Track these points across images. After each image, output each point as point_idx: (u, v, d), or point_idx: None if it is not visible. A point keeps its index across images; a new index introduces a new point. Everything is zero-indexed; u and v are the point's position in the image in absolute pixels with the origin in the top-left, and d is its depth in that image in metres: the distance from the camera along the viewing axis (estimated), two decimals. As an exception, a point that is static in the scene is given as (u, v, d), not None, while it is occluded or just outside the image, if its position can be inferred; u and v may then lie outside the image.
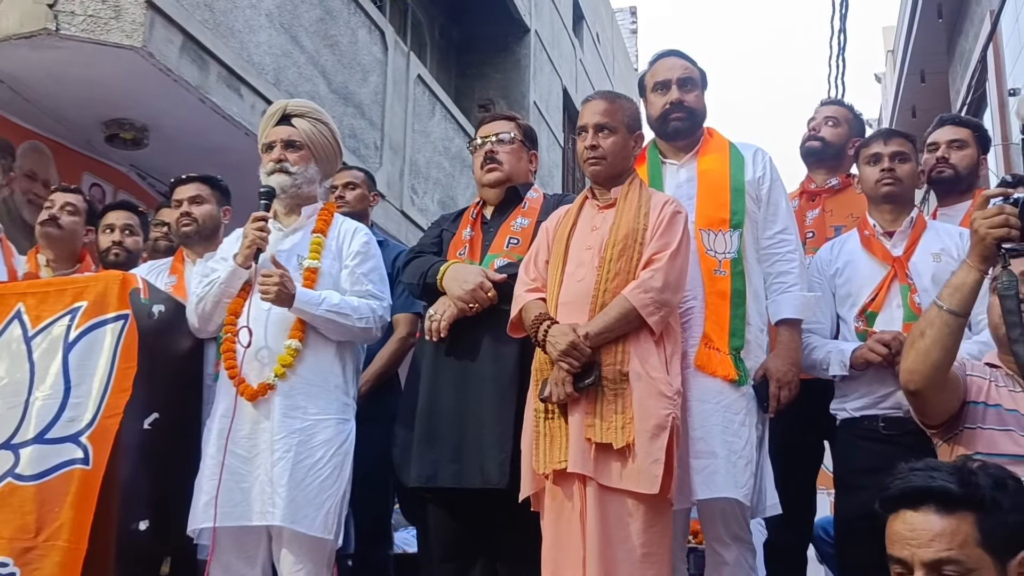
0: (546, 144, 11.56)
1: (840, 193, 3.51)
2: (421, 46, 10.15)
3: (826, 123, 3.61)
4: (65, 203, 3.71)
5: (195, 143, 5.71)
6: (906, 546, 1.63)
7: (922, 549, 1.61)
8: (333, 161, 3.13)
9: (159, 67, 4.92)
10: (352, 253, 2.98)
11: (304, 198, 3.02)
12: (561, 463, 2.44)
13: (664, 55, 3.05)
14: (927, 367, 2.08)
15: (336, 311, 2.81)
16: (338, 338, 2.87)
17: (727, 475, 2.58)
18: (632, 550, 2.38)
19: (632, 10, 21.13)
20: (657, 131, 3.01)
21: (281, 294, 2.72)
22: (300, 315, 2.79)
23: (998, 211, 2.01)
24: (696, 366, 2.66)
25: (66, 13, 4.67)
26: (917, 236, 2.89)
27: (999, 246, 2.01)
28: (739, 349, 2.69)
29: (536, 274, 2.69)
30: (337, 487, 2.75)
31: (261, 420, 2.75)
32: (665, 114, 2.94)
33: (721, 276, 2.73)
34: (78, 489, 2.53)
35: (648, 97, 3.03)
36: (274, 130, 3.02)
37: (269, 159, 2.99)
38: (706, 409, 2.63)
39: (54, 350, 2.70)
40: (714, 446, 2.59)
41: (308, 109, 3.08)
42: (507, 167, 3.01)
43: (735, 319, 2.71)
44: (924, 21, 10.27)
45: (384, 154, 7.55)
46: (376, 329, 2.94)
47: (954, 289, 2.07)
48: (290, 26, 6.27)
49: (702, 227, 2.78)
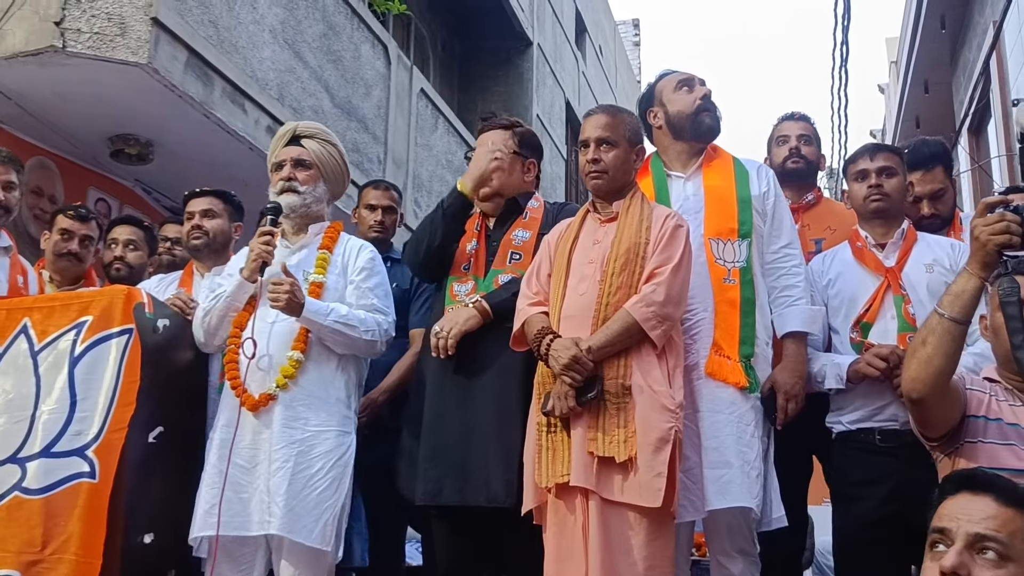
0: (549, 157, 11.59)
1: (815, 207, 3.54)
2: (424, 60, 10.20)
3: (801, 141, 3.62)
4: (84, 236, 3.69)
5: (200, 158, 5.75)
6: (955, 519, 1.67)
7: (971, 523, 1.66)
8: (341, 181, 3.16)
9: (164, 83, 4.96)
10: (358, 269, 3.00)
11: (313, 217, 3.05)
12: (563, 477, 2.44)
13: (673, 72, 3.09)
14: (930, 375, 2.09)
15: (343, 322, 2.82)
16: (343, 351, 2.89)
17: (741, 485, 2.59)
18: (635, 564, 2.38)
19: (635, 23, 21.21)
20: (686, 128, 2.96)
21: (291, 302, 2.73)
22: (307, 325, 2.80)
23: (999, 218, 2.03)
24: (707, 374, 2.67)
25: (72, 31, 4.71)
26: (909, 247, 2.90)
27: (1000, 253, 2.03)
28: (749, 357, 2.71)
29: (538, 287, 2.70)
30: (336, 499, 2.75)
31: (262, 430, 2.77)
32: (698, 109, 2.94)
33: (731, 285, 2.76)
34: (86, 503, 2.55)
35: (669, 97, 3.00)
36: (284, 150, 3.05)
37: (279, 178, 3.01)
38: (719, 420, 2.64)
39: (60, 364, 2.72)
40: (728, 456, 2.61)
41: (318, 131, 3.12)
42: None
43: (745, 327, 2.73)
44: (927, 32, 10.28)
45: (387, 168, 7.57)
46: (381, 343, 2.94)
47: (955, 296, 2.08)
48: (293, 42, 6.31)
49: (711, 236, 2.80)
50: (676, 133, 2.98)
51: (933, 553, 1.69)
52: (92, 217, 3.79)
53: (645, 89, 3.15)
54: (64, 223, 3.72)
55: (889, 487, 2.66)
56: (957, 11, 9.74)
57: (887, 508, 2.64)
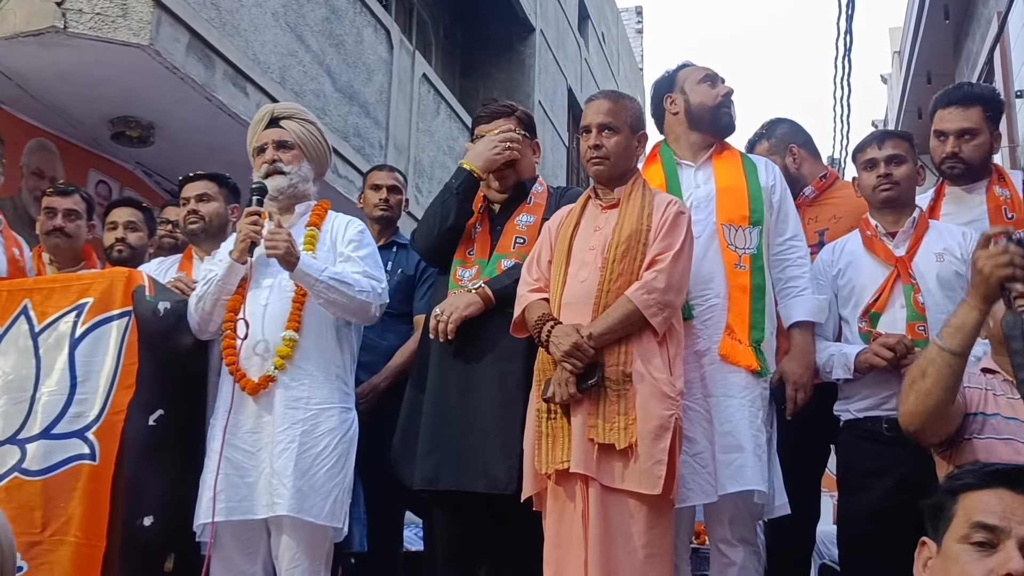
0: (551, 144, 11.56)
1: (817, 199, 3.49)
2: (426, 45, 10.16)
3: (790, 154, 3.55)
4: (67, 210, 3.68)
5: (201, 141, 5.73)
6: (1004, 518, 1.62)
7: (1023, 526, 1.60)
8: (324, 159, 3.15)
9: (165, 65, 4.94)
10: (346, 241, 2.99)
11: (299, 197, 3.04)
12: (563, 463, 2.44)
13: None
14: (928, 408, 2.08)
15: (338, 279, 2.80)
16: (337, 312, 2.85)
17: (755, 468, 2.60)
18: (634, 551, 2.38)
19: (638, 10, 21.13)
20: (706, 120, 2.97)
21: (289, 252, 2.72)
22: (301, 281, 2.78)
23: (1003, 250, 1.99)
24: (720, 355, 2.69)
25: (74, 11, 4.69)
26: (920, 236, 2.87)
27: (1002, 286, 2.00)
28: (760, 341, 2.73)
29: (539, 274, 2.70)
30: (343, 476, 2.76)
31: (263, 414, 2.76)
32: (720, 105, 2.96)
33: (741, 271, 2.77)
34: (86, 485, 2.55)
35: (691, 88, 3.00)
36: (264, 133, 3.04)
37: (262, 161, 3.00)
38: (732, 404, 2.66)
39: (60, 346, 2.71)
40: (742, 440, 2.62)
41: (295, 111, 3.12)
42: (518, 165, 3.00)
43: (755, 312, 2.74)
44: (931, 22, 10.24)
45: (388, 153, 7.55)
46: (375, 307, 2.91)
47: (955, 329, 2.05)
48: (296, 25, 6.28)
49: (723, 223, 2.82)
50: (694, 123, 2.99)
51: (976, 548, 1.62)
52: (74, 191, 3.78)
53: (664, 74, 3.13)
54: (47, 201, 3.74)
55: (896, 477, 2.65)
56: (961, 2, 9.70)
57: (894, 498, 2.62)
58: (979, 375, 2.26)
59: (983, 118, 3.05)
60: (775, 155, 3.48)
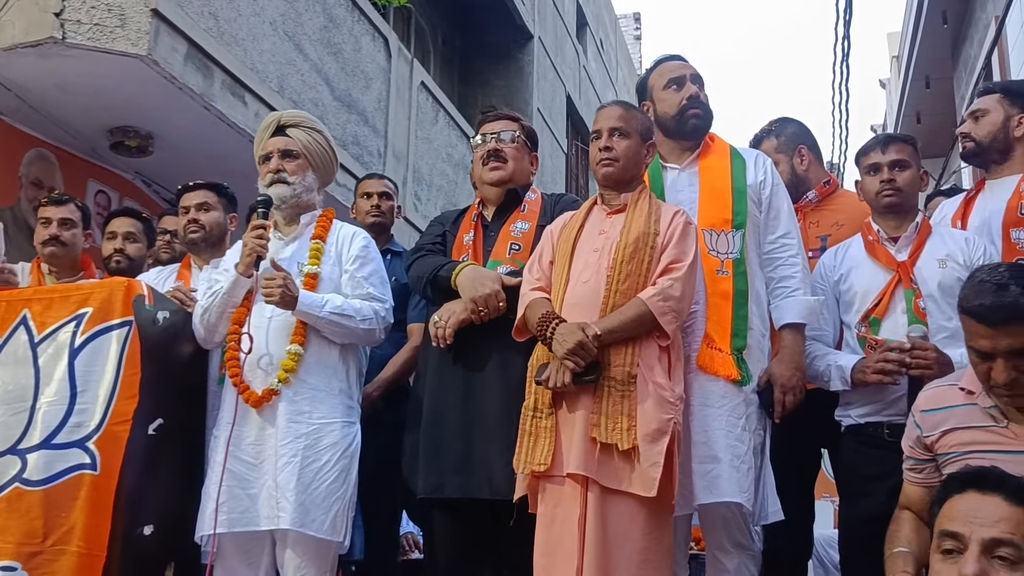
0: (549, 151, 11.57)
1: (820, 204, 3.46)
2: (424, 53, 10.18)
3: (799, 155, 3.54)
4: (61, 219, 3.69)
5: (200, 150, 5.74)
6: (968, 523, 1.64)
7: (984, 528, 1.63)
8: (330, 169, 3.15)
9: (164, 75, 4.95)
10: (352, 257, 2.99)
11: (303, 207, 3.04)
12: (540, 465, 2.44)
13: (669, 59, 3.05)
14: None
15: (339, 312, 2.82)
16: (341, 340, 2.88)
17: (730, 479, 2.56)
18: (630, 556, 2.37)
19: (636, 16, 21.19)
20: (672, 128, 2.94)
21: (284, 296, 2.73)
22: (303, 318, 2.80)
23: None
24: (698, 365, 2.65)
25: (72, 22, 4.70)
26: (922, 241, 2.86)
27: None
28: (741, 350, 2.68)
29: (540, 274, 2.70)
30: (344, 490, 2.77)
31: (267, 426, 2.77)
32: (683, 109, 2.90)
33: (723, 276, 2.73)
34: (88, 495, 2.55)
35: (658, 95, 2.97)
36: (270, 141, 3.04)
37: (267, 170, 3.00)
38: (709, 413, 2.62)
39: (60, 356, 2.71)
40: (717, 450, 2.58)
41: (302, 119, 3.10)
42: (511, 166, 3.00)
43: (737, 319, 2.70)
44: (929, 27, 10.25)
45: (387, 161, 7.56)
46: (379, 331, 2.94)
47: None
48: (294, 34, 6.29)
49: (705, 227, 2.77)
50: (665, 131, 2.97)
51: (944, 557, 1.66)
52: (68, 200, 3.78)
53: (641, 76, 3.12)
54: (42, 212, 3.75)
55: (896, 482, 2.64)
56: (959, 6, 9.72)
57: (894, 504, 2.62)
58: (941, 395, 2.21)
59: (1000, 100, 3.08)
60: (782, 154, 3.49)
